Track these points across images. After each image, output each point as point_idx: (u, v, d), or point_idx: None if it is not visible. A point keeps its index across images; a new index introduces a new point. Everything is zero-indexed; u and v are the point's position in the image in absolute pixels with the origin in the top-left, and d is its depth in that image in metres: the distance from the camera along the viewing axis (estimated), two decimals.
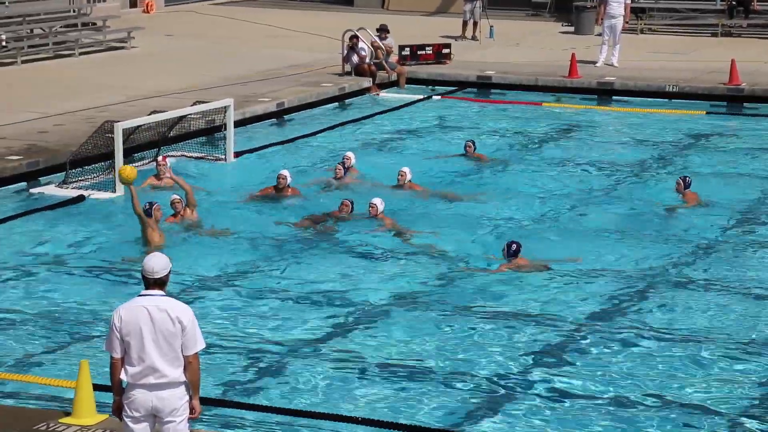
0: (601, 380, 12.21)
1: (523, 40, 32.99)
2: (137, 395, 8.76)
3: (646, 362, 12.66)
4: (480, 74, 28.34)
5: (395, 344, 13.11)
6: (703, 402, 11.75)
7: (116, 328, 8.77)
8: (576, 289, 14.85)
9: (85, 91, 25.18)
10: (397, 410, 11.52)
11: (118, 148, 18.66)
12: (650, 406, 11.65)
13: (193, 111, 21.20)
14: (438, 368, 12.48)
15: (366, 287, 14.93)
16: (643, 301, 14.51)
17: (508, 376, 12.32)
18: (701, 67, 28.55)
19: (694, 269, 15.75)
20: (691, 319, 13.93)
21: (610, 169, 20.99)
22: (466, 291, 14.72)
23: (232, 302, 14.39)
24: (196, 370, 8.83)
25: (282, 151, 21.99)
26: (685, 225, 17.54)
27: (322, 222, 17.28)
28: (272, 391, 11.93)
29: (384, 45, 28.32)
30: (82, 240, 16.69)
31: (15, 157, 19.58)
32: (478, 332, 13.45)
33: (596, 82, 27.46)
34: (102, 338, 10.26)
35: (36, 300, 14.42)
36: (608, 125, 24.97)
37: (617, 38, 28.87)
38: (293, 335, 13.37)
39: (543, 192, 19.36)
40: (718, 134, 23.91)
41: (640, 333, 13.46)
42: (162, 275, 8.84)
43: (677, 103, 26.41)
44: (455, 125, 24.46)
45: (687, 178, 18.69)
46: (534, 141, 23.32)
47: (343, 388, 12.02)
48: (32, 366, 12.45)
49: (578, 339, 13.31)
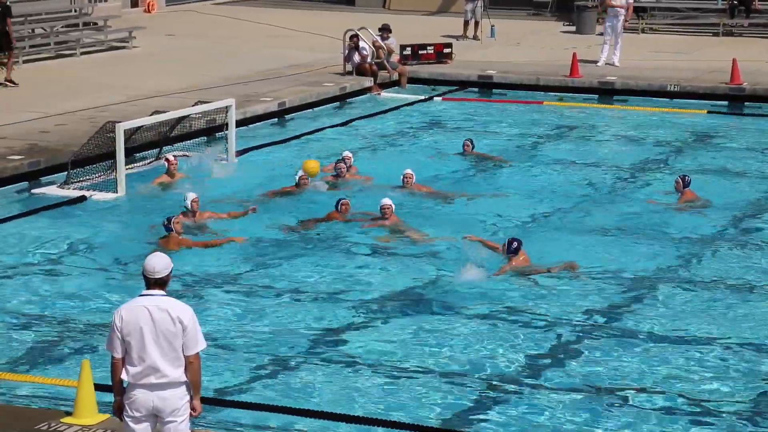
0: (603, 379, 12.23)
1: (525, 39, 33.01)
2: (138, 395, 8.79)
3: (649, 361, 12.67)
4: (481, 74, 28.37)
5: (398, 344, 13.12)
6: (708, 401, 11.78)
7: (117, 327, 8.80)
8: (576, 289, 14.85)
9: (86, 90, 25.21)
10: (396, 409, 11.55)
11: (120, 148, 18.69)
12: (655, 406, 11.68)
13: (195, 111, 21.24)
14: (439, 368, 12.50)
15: (374, 287, 14.94)
16: (644, 301, 14.53)
17: (511, 376, 12.35)
18: (702, 67, 28.57)
19: (695, 268, 15.77)
20: (694, 318, 13.94)
21: (611, 169, 21.00)
22: (470, 291, 14.72)
23: (234, 301, 14.40)
24: (197, 370, 8.86)
25: (283, 150, 22.03)
26: (684, 224, 17.54)
27: (323, 221, 17.31)
28: (273, 391, 11.94)
29: (385, 45, 28.34)
30: (84, 240, 16.71)
31: (16, 156, 19.61)
32: (480, 332, 13.48)
33: (597, 81, 27.49)
34: (103, 338, 10.28)
35: (37, 300, 14.44)
36: (609, 125, 24.98)
37: (619, 37, 28.89)
38: (295, 335, 13.38)
39: (543, 191, 19.37)
40: (719, 134, 23.93)
41: (642, 332, 13.48)
42: (163, 275, 8.87)
43: (678, 103, 26.43)
44: (456, 125, 24.48)
45: (686, 177, 18.72)
46: (534, 141, 23.33)
47: (344, 387, 12.04)
48: (33, 366, 12.48)
49: (579, 339, 13.33)
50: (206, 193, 18.25)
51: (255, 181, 19.58)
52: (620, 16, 29.00)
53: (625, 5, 29.15)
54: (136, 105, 23.55)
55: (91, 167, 19.32)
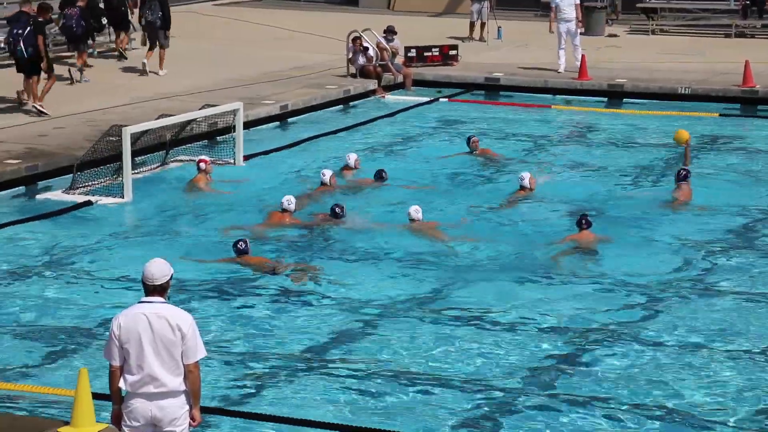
0: (615, 387, 12.22)
1: (532, 41, 32.99)
2: (137, 404, 8.78)
3: (660, 369, 12.67)
4: (488, 76, 28.33)
5: (408, 350, 13.13)
6: (716, 410, 11.77)
7: (115, 335, 8.79)
8: (588, 295, 14.87)
9: (87, 93, 25.21)
10: (408, 418, 11.54)
11: (126, 152, 18.66)
12: (666, 415, 11.67)
13: (202, 114, 21.19)
14: (445, 375, 12.49)
15: (387, 291, 14.99)
16: (656, 306, 14.52)
17: (521, 384, 12.34)
18: (714, 69, 28.53)
19: (713, 275, 15.78)
20: (707, 324, 13.94)
21: (621, 173, 20.96)
22: (484, 297, 14.73)
23: (235, 309, 14.40)
24: (196, 379, 8.85)
25: (290, 155, 21.96)
26: (699, 229, 17.54)
27: (326, 221, 17.36)
28: (275, 401, 11.92)
29: (390, 46, 28.34)
30: (88, 246, 16.69)
31: (14, 161, 19.61)
32: (489, 338, 13.48)
33: (607, 84, 27.45)
34: (102, 346, 10.26)
35: (36, 306, 14.42)
36: (619, 128, 24.92)
37: (575, 41, 28.15)
38: (299, 343, 13.36)
39: (551, 196, 19.34)
40: (731, 137, 23.89)
41: (646, 339, 13.47)
42: (162, 282, 8.86)
43: (690, 106, 26.38)
44: (462, 128, 24.44)
45: (682, 171, 18.94)
46: (541, 144, 23.30)
47: (348, 396, 12.03)
48: (31, 374, 12.47)
49: (588, 346, 13.31)
50: (218, 198, 18.38)
51: (265, 185, 19.58)
52: (572, 20, 28.13)
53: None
54: (137, 108, 23.55)
55: (97, 171, 19.25)
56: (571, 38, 28.27)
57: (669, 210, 18.41)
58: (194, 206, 18.59)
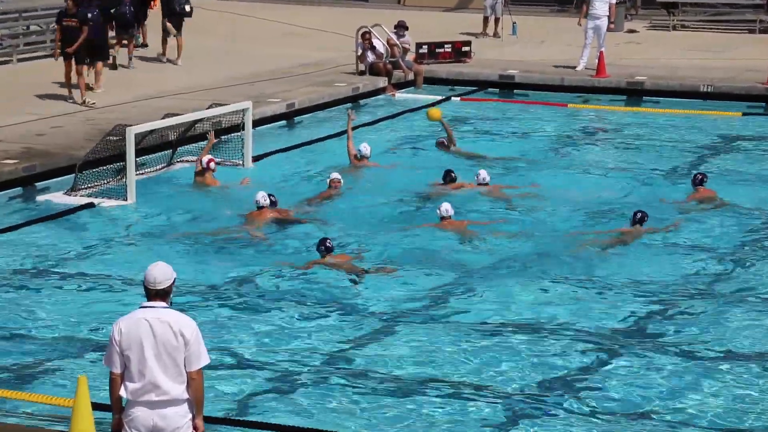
0: (630, 394, 12.20)
1: (548, 37, 32.96)
2: (138, 413, 8.75)
3: (677, 377, 12.65)
4: (502, 73, 28.32)
5: (417, 357, 13.12)
6: (733, 420, 11.75)
7: (116, 341, 8.75)
8: (601, 300, 14.86)
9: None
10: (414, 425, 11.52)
11: (130, 153, 18.62)
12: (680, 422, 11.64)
13: (210, 114, 21.06)
14: (453, 382, 12.48)
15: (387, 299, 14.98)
16: (674, 312, 14.50)
17: (534, 391, 12.32)
18: (738, 66, 28.48)
19: (728, 279, 15.75)
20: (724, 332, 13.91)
21: (641, 174, 20.92)
22: (496, 304, 14.73)
23: (240, 315, 14.38)
24: (199, 387, 8.81)
25: (298, 156, 21.91)
26: (722, 232, 17.52)
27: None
28: (280, 410, 11.89)
29: (401, 43, 28.31)
30: (90, 250, 16.69)
31: (11, 160, 19.61)
32: (502, 345, 13.46)
33: (626, 81, 27.43)
34: (103, 354, 10.25)
35: (35, 312, 14.41)
36: (638, 127, 24.88)
37: (602, 41, 28.13)
38: (304, 351, 13.34)
39: (568, 195, 19.31)
40: (755, 137, 23.84)
41: (667, 347, 13.44)
42: (165, 286, 8.82)
43: (712, 104, 26.34)
44: (476, 127, 24.43)
45: (699, 175, 18.97)
46: (558, 143, 23.28)
47: (353, 405, 12.00)
48: (29, 382, 12.45)
49: (602, 352, 13.29)
50: (229, 201, 18.43)
51: (275, 186, 19.57)
52: (603, 17, 28.16)
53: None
54: (137, 106, 23.56)
55: (99, 172, 19.25)
56: (598, 37, 28.09)
57: (684, 212, 18.33)
58: (200, 209, 18.50)
